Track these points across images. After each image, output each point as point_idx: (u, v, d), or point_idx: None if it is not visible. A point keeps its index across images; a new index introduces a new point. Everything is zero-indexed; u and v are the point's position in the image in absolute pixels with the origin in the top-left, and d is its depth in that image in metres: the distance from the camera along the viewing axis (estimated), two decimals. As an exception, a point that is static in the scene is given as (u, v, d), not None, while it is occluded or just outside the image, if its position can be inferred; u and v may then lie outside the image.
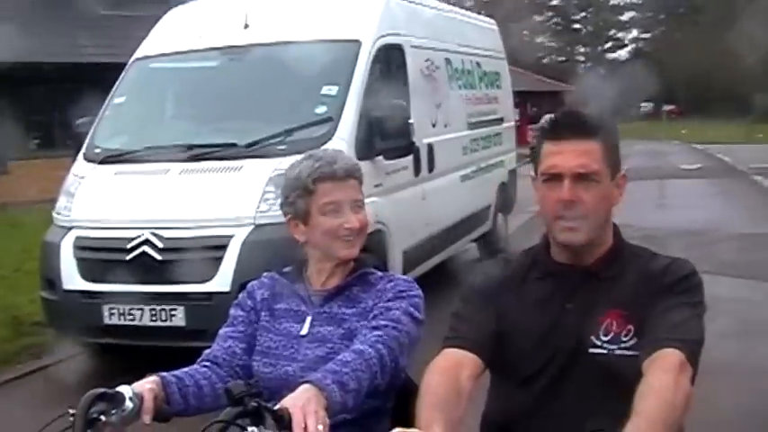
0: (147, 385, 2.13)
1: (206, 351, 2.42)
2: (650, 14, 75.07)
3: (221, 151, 6.85)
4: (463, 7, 16.79)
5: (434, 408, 1.94)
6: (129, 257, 6.32)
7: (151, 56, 8.07)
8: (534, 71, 44.62)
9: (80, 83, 16.76)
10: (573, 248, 2.18)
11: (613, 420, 1.82)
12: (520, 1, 67.82)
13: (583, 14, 76.62)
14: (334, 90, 7.11)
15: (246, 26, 7.65)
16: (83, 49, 18.92)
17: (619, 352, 2.10)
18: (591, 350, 2.12)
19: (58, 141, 18.50)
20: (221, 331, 2.47)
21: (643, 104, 63.52)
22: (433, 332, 2.30)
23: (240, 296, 2.52)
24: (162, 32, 8.30)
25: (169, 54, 8.03)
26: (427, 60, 8.81)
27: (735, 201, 17.08)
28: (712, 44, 51.12)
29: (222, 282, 6.14)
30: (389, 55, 7.91)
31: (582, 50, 78.20)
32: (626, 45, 76.56)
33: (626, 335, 2.11)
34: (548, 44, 76.51)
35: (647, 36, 75.26)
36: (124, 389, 2.05)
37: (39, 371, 7.26)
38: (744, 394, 5.63)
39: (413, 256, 7.86)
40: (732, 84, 47.96)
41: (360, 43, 7.43)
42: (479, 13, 15.29)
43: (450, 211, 9.03)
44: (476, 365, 2.14)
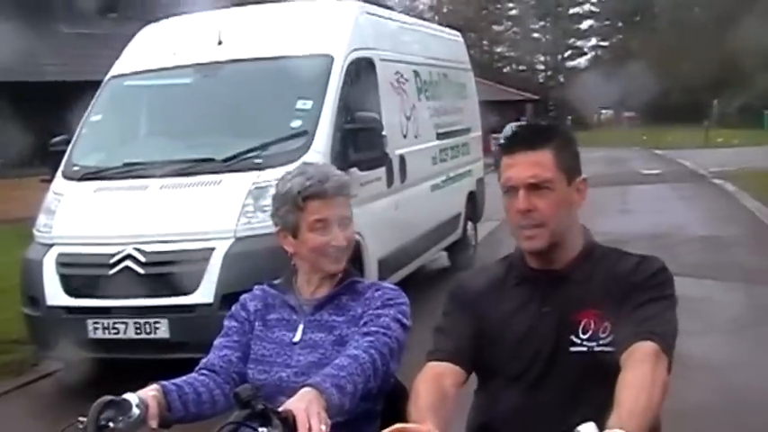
0: (151, 392, 2.21)
1: (203, 360, 2.50)
2: (608, 22, 75.92)
3: (199, 166, 6.96)
4: (424, 19, 16.97)
5: (425, 409, 2.08)
6: (113, 272, 6.43)
7: (126, 74, 8.16)
8: (496, 81, 45.06)
9: (44, 102, 16.80)
10: (539, 254, 2.28)
11: (598, 413, 1.87)
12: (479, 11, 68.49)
13: (542, 24, 77.30)
14: (308, 104, 7.25)
15: (220, 42, 7.78)
16: (47, 68, 18.84)
17: (598, 349, 2.19)
18: (572, 348, 2.21)
19: (23, 161, 18.44)
20: (216, 342, 2.54)
21: (603, 111, 64.19)
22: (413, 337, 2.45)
23: (234, 308, 2.59)
24: (136, 50, 8.38)
25: (143, 72, 8.11)
26: (397, 73, 9.00)
27: (696, 204, 17.29)
28: (670, 50, 51.89)
29: (205, 293, 6.25)
30: (360, 68, 8.07)
31: (542, 59, 78.84)
32: (585, 53, 77.35)
33: (603, 331, 2.19)
34: (507, 54, 77.10)
35: (606, 44, 76.06)
36: (130, 396, 2.14)
37: (20, 387, 7.30)
38: (707, 390, 5.81)
39: (387, 265, 8.00)
40: (690, 90, 48.62)
41: (332, 58, 7.59)
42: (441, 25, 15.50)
43: (421, 221, 9.22)
44: (458, 374, 2.25)
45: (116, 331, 6.40)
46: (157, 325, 6.34)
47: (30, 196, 9.26)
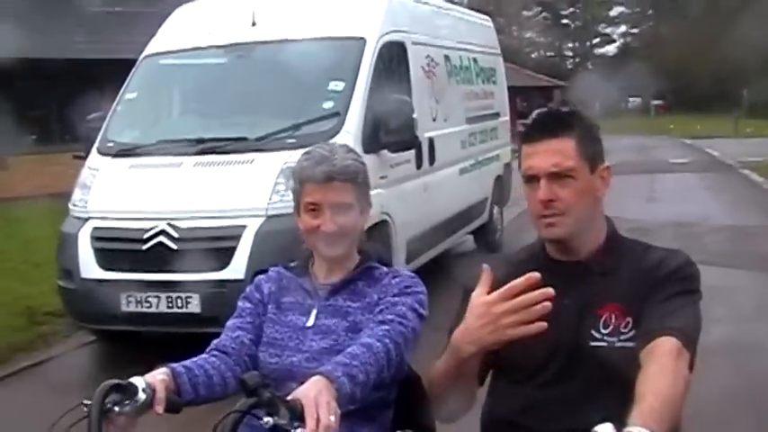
0: (159, 376, 2.14)
1: (214, 341, 2.43)
2: (638, 9, 75.37)
3: (232, 145, 7.06)
4: (454, 3, 16.97)
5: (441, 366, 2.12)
6: (146, 247, 6.55)
7: (161, 52, 8.28)
8: (524, 66, 44.90)
9: (76, 79, 16.98)
10: (560, 243, 2.21)
11: (617, 411, 1.81)
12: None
13: (571, 10, 76.86)
14: (340, 86, 7.35)
15: (254, 24, 7.87)
16: (78, 46, 19.02)
17: (619, 344, 2.12)
18: (592, 344, 2.14)
19: (55, 137, 18.68)
20: (229, 323, 2.48)
21: (631, 99, 63.75)
22: (429, 324, 2.39)
23: (248, 289, 2.53)
24: (171, 30, 8.49)
25: (178, 51, 8.23)
26: (428, 57, 9.06)
27: (723, 194, 17.21)
28: (700, 38, 51.39)
29: (236, 270, 6.36)
30: (392, 52, 8.15)
31: (570, 46, 78.43)
32: (614, 41, 76.93)
33: (625, 327, 2.13)
34: (536, 40, 76.78)
35: (636, 31, 75.56)
36: (137, 380, 2.07)
37: (52, 359, 7.44)
38: (730, 376, 5.83)
39: (415, 247, 8.11)
40: (720, 78, 48.16)
41: (365, 40, 7.67)
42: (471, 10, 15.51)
43: (449, 203, 9.30)
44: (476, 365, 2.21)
45: (148, 305, 6.53)
46: (189, 299, 6.46)
47: (63, 172, 9.47)
